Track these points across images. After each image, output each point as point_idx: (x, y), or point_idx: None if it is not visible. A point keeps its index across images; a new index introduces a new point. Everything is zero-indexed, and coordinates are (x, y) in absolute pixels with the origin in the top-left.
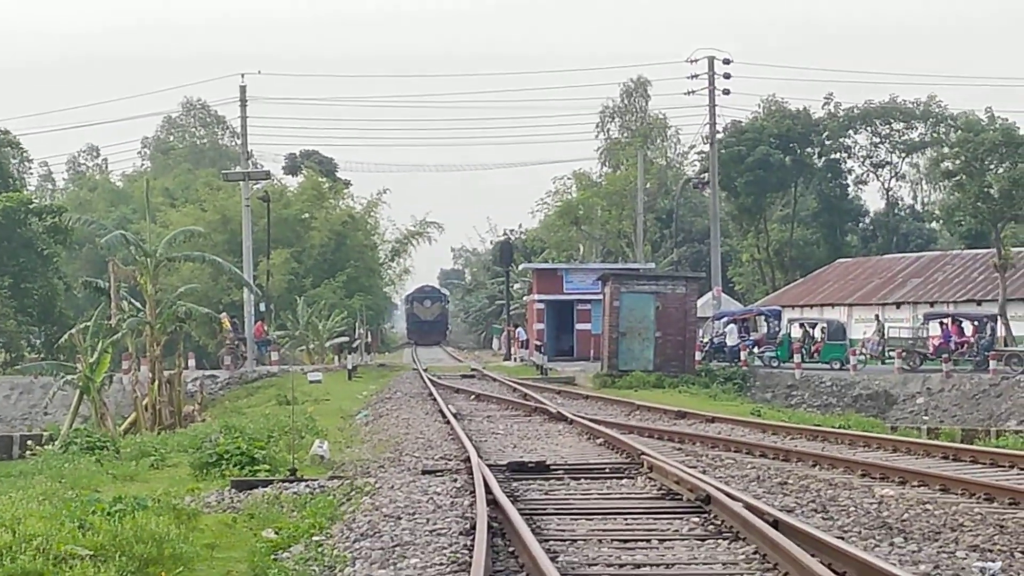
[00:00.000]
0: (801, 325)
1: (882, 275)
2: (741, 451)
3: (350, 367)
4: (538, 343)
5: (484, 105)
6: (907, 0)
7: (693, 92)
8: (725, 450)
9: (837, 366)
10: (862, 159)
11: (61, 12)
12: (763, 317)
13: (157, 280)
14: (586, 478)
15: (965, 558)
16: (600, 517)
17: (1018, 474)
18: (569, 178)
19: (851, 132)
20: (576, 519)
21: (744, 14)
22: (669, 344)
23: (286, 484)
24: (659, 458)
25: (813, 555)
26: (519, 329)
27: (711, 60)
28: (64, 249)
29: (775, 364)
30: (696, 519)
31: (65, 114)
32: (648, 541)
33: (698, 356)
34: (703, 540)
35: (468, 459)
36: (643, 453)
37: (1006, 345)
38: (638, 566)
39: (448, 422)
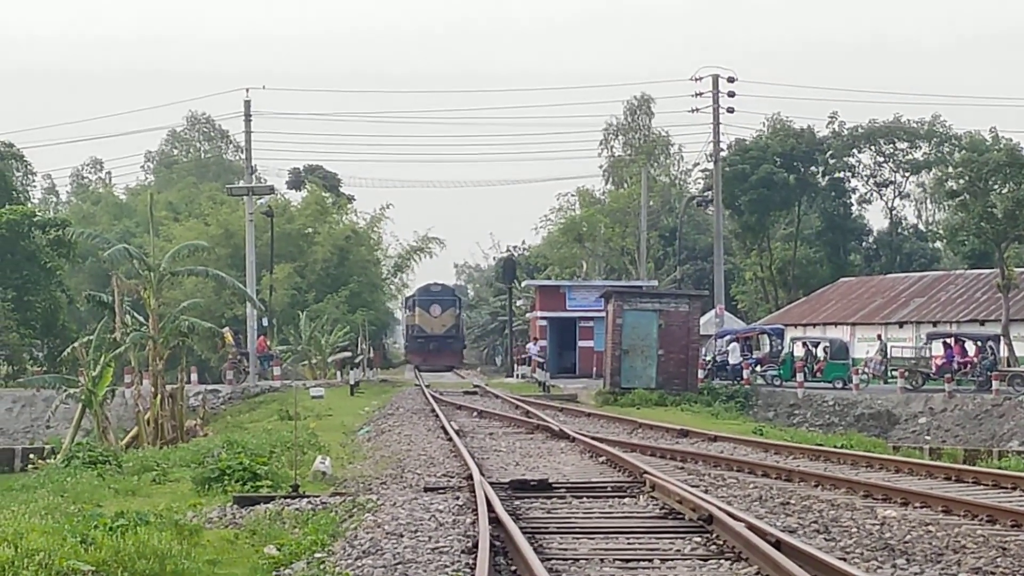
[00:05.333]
0: (804, 344)
1: (885, 294)
2: (743, 470)
3: (352, 382)
4: (540, 360)
5: (488, 122)
6: (912, 20)
7: (697, 110)
8: (727, 469)
9: (840, 385)
10: (866, 178)
11: (66, 25)
12: (766, 335)
13: (160, 294)
14: (588, 496)
15: None
16: (602, 536)
17: (1020, 496)
18: (573, 195)
19: (855, 151)
20: (578, 538)
21: (749, 33)
22: (672, 362)
23: (288, 500)
24: (661, 477)
25: None
26: (530, 345)
27: (715, 78)
28: (67, 262)
29: (777, 383)
30: (698, 539)
31: (69, 127)
32: (650, 561)
33: (700, 374)
34: (705, 560)
35: (470, 476)
36: (645, 472)
37: (1009, 365)
38: None
39: (450, 439)
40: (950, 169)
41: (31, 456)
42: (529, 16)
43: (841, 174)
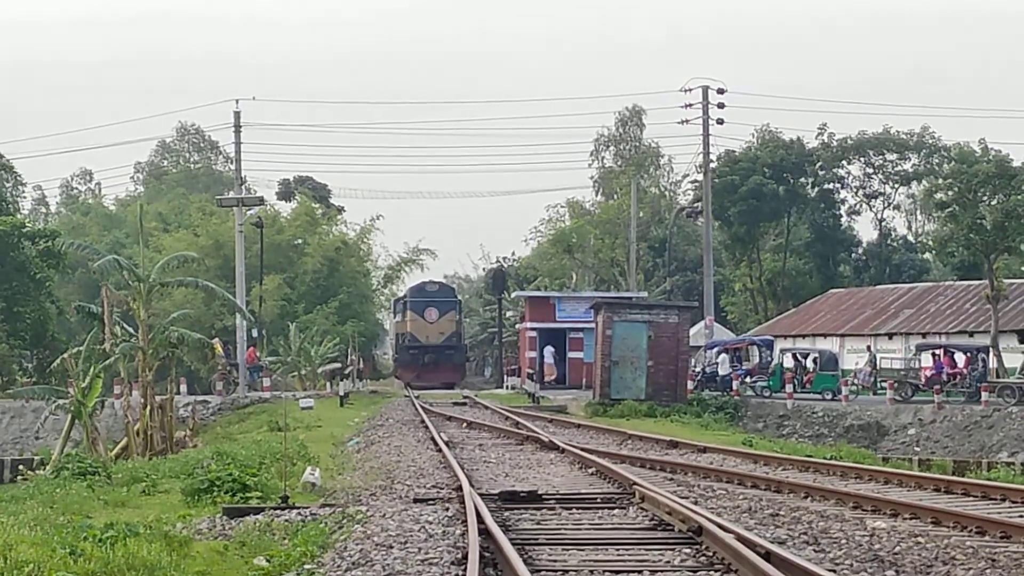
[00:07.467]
0: (793, 355)
1: (874, 306)
2: (733, 482)
3: (342, 394)
4: (530, 371)
5: (479, 133)
6: (901, 31)
7: (687, 121)
8: (717, 480)
9: (829, 396)
10: (855, 189)
11: (55, 36)
12: (755, 347)
13: (150, 305)
14: (578, 508)
15: None
16: (592, 548)
17: (1010, 507)
18: (562, 206)
19: (844, 162)
20: (568, 549)
21: (739, 44)
22: (661, 373)
23: (278, 511)
24: (651, 488)
25: None
26: (548, 349)
27: (705, 90)
28: (57, 273)
29: (767, 394)
30: (688, 550)
31: (59, 138)
32: (640, 572)
33: (690, 385)
34: (695, 572)
35: (460, 488)
36: (635, 483)
37: (998, 377)
38: None
39: (440, 450)
40: (939, 180)
41: (20, 467)
42: (520, 29)
43: (830, 185)
